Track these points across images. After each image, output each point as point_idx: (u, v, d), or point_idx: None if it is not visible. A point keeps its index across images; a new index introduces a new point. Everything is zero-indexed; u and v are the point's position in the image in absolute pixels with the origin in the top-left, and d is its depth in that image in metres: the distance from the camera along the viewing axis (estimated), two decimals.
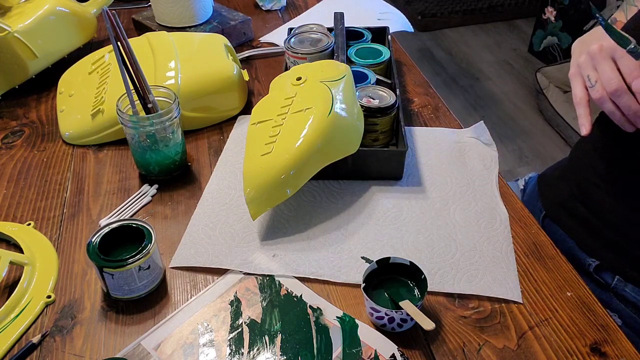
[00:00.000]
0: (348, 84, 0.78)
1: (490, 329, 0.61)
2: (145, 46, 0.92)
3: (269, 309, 0.63)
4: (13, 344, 0.60)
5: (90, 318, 0.62)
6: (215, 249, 0.69)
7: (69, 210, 0.76)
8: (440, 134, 0.89)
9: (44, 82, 1.01)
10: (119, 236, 0.64)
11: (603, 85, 0.65)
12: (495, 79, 2.72)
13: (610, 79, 0.64)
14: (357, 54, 0.95)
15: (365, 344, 0.59)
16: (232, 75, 0.91)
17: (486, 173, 0.81)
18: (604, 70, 0.65)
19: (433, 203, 0.76)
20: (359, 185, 0.79)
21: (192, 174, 0.82)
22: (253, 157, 0.71)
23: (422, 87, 1.02)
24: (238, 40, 1.14)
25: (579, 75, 0.69)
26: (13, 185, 0.80)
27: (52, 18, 0.98)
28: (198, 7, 1.10)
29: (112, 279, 0.61)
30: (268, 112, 0.76)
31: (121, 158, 0.85)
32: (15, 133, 0.91)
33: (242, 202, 0.75)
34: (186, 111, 0.87)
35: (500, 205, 0.76)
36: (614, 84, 0.64)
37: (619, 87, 0.64)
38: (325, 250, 0.69)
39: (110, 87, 0.87)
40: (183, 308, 0.63)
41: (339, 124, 0.73)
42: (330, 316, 0.62)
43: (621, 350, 0.59)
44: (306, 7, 1.32)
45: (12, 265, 0.65)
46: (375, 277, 0.63)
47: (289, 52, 0.94)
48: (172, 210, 0.76)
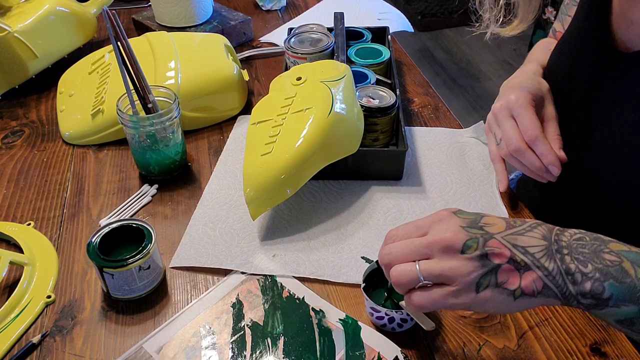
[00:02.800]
0: (348, 84, 0.78)
1: (490, 329, 0.61)
2: (145, 46, 0.92)
3: (271, 311, 0.63)
4: (13, 344, 0.60)
5: (90, 318, 0.62)
6: (215, 249, 0.69)
7: (69, 210, 0.76)
8: (440, 134, 0.89)
9: (44, 82, 1.01)
10: (119, 236, 0.64)
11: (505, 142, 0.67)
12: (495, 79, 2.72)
13: (510, 139, 0.67)
14: (357, 54, 0.95)
15: (368, 347, 0.59)
16: (232, 75, 0.91)
17: (486, 173, 0.81)
18: (505, 129, 0.68)
19: (433, 203, 0.76)
20: (359, 185, 0.79)
21: (192, 174, 0.82)
22: (253, 157, 0.71)
23: (422, 87, 1.02)
24: (238, 40, 1.14)
25: (490, 132, 0.72)
26: (13, 185, 0.80)
27: (52, 18, 0.98)
28: (198, 7, 1.10)
29: (112, 279, 0.61)
30: (268, 112, 0.76)
31: (121, 158, 0.85)
32: (15, 133, 0.91)
33: (242, 202, 0.75)
34: (186, 111, 0.86)
35: (500, 205, 0.76)
36: (513, 143, 0.66)
37: (518, 146, 0.66)
38: (325, 250, 0.69)
39: (110, 87, 0.87)
40: (185, 310, 0.63)
41: (339, 124, 0.73)
42: (333, 318, 0.62)
43: (621, 350, 0.59)
44: (306, 7, 1.32)
45: (12, 265, 0.65)
46: (375, 277, 0.62)
47: (289, 52, 0.94)
48: (172, 210, 0.76)
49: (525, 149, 0.65)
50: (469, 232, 0.47)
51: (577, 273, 0.45)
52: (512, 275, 0.46)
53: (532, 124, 0.65)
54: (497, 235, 0.47)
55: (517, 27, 0.75)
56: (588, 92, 0.68)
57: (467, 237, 0.46)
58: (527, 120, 0.66)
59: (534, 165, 0.66)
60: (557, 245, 0.46)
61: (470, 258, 0.46)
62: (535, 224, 0.48)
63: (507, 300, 0.46)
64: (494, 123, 0.71)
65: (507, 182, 0.72)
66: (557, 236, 0.47)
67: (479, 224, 0.48)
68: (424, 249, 0.47)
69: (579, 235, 0.47)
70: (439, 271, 0.46)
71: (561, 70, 0.73)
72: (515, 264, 0.46)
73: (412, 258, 0.48)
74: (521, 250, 0.46)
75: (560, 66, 0.74)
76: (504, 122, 0.68)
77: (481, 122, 0.89)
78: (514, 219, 0.49)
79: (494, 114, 0.70)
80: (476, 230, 0.47)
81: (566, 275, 0.45)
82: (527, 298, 0.46)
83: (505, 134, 0.67)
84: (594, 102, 0.68)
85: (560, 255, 0.46)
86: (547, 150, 0.65)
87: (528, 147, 0.66)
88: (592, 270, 0.45)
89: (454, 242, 0.46)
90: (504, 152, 0.68)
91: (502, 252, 0.46)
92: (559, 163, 0.65)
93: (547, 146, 0.65)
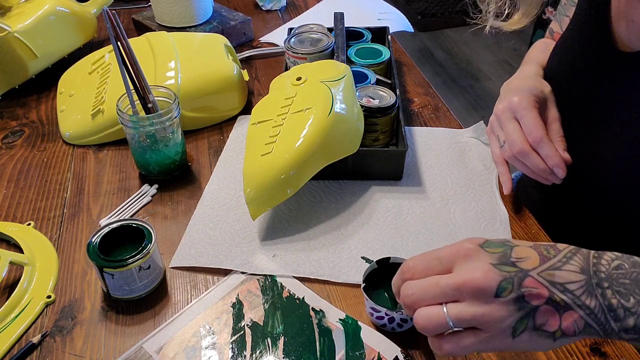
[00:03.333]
0: (348, 84, 0.78)
1: None
2: (145, 46, 0.92)
3: (272, 311, 0.63)
4: (13, 344, 0.60)
5: (90, 318, 0.62)
6: (215, 249, 0.69)
7: (69, 210, 0.76)
8: (440, 134, 0.89)
9: (44, 82, 1.01)
10: (119, 236, 0.64)
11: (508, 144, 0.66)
12: (495, 79, 2.72)
13: (514, 141, 0.65)
14: (357, 54, 0.95)
15: (368, 347, 0.59)
16: (232, 75, 0.91)
17: (486, 173, 0.81)
18: (508, 131, 0.67)
19: (433, 203, 0.76)
20: (359, 185, 0.79)
21: (192, 174, 0.82)
22: (253, 157, 0.71)
23: (422, 87, 1.02)
24: (238, 40, 1.14)
25: (492, 134, 0.71)
26: (13, 185, 0.80)
27: (52, 18, 0.98)
28: (198, 7, 1.10)
29: (112, 279, 0.61)
30: (268, 112, 0.76)
31: (121, 158, 0.85)
32: (15, 133, 0.91)
33: (242, 202, 0.75)
34: (186, 111, 0.87)
35: (500, 205, 0.76)
36: (517, 145, 0.65)
37: (522, 148, 0.65)
38: (325, 250, 0.69)
39: (110, 87, 0.87)
40: (185, 311, 0.63)
41: (339, 124, 0.73)
42: (333, 318, 0.62)
43: (621, 350, 0.59)
44: (306, 7, 1.32)
45: (12, 265, 0.65)
46: (375, 277, 0.63)
47: (289, 52, 0.94)
48: (172, 210, 0.76)
49: (530, 151, 0.65)
50: (502, 271, 0.42)
51: (619, 309, 0.42)
52: (551, 316, 0.42)
53: (536, 126, 0.65)
54: (533, 272, 0.42)
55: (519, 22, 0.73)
56: (588, 92, 0.68)
57: (501, 277, 0.42)
58: (531, 122, 0.65)
59: (538, 168, 0.65)
60: (596, 278, 0.43)
61: (505, 302, 0.42)
62: (571, 253, 0.44)
63: (545, 342, 0.43)
64: (496, 125, 0.70)
65: (510, 184, 0.72)
66: (595, 266, 0.43)
67: (510, 259, 0.43)
68: (451, 291, 0.43)
69: (618, 263, 0.43)
70: (471, 317, 0.42)
71: (561, 71, 0.73)
72: (555, 304, 0.42)
73: (438, 300, 0.44)
74: (560, 289, 0.42)
75: (560, 67, 0.74)
76: (507, 124, 0.67)
77: (481, 122, 0.89)
78: (546, 246, 0.44)
79: (496, 116, 0.70)
80: (509, 268, 0.42)
81: (608, 312, 0.42)
82: (567, 338, 0.43)
83: (509, 136, 0.66)
84: (595, 102, 0.67)
85: (601, 289, 0.42)
86: (551, 152, 0.64)
87: (532, 149, 0.65)
88: (635, 304, 0.42)
89: (486, 286, 0.42)
90: (508, 154, 0.68)
91: (540, 292, 0.42)
92: (564, 165, 0.65)
93: (552, 148, 0.64)
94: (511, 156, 0.67)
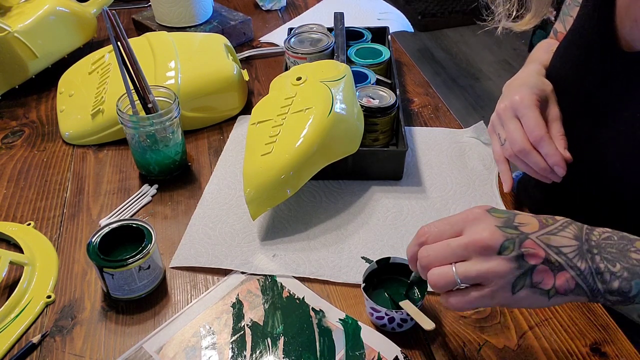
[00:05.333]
0: (348, 84, 0.78)
1: (490, 329, 0.61)
2: (145, 46, 0.92)
3: (272, 311, 0.63)
4: (13, 344, 0.60)
5: (90, 318, 0.62)
6: (215, 249, 0.69)
7: (69, 210, 0.76)
8: (440, 134, 0.89)
9: (44, 82, 1.01)
10: (119, 236, 0.64)
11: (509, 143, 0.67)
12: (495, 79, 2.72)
13: (515, 139, 0.66)
14: (357, 54, 0.95)
15: (368, 347, 0.59)
16: (232, 75, 0.91)
17: (486, 173, 0.81)
18: (509, 129, 0.67)
19: (433, 203, 0.76)
20: (359, 185, 0.79)
21: (192, 174, 0.82)
22: (253, 157, 0.71)
23: (422, 87, 1.02)
24: (238, 40, 1.14)
25: (494, 133, 0.71)
26: (13, 185, 0.80)
27: (52, 18, 0.98)
28: (198, 7, 1.10)
29: (112, 279, 0.61)
30: (268, 112, 0.76)
31: (121, 158, 0.85)
32: (15, 133, 0.91)
33: (242, 202, 0.75)
34: (186, 111, 0.86)
35: (501, 205, 0.76)
36: (518, 144, 0.65)
37: (522, 147, 0.65)
38: (325, 250, 0.69)
39: (110, 87, 0.87)
40: (185, 310, 0.63)
41: (339, 124, 0.73)
42: (333, 318, 0.62)
43: (621, 350, 0.59)
44: (306, 7, 1.32)
45: (12, 265, 0.65)
46: (375, 277, 0.63)
47: (289, 52, 0.94)
48: (172, 210, 0.76)
49: (530, 150, 0.65)
50: (505, 232, 0.47)
51: (606, 272, 0.46)
52: (546, 275, 0.46)
53: (537, 125, 0.65)
54: (532, 235, 0.47)
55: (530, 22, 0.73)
56: (592, 92, 0.68)
57: (504, 237, 0.47)
58: (532, 121, 0.65)
59: (538, 166, 0.65)
60: (587, 244, 0.47)
61: (507, 259, 0.46)
62: (566, 223, 0.49)
63: (541, 299, 0.47)
64: (498, 124, 0.70)
65: (511, 182, 0.72)
66: (587, 235, 0.48)
67: (513, 224, 0.48)
68: (461, 250, 0.48)
69: (607, 234, 0.48)
70: (476, 273, 0.47)
71: (565, 71, 0.73)
72: (550, 265, 0.46)
73: (449, 260, 0.48)
74: (555, 251, 0.47)
75: (564, 66, 0.74)
76: (508, 122, 0.68)
77: (481, 122, 0.89)
78: (545, 217, 0.49)
79: (498, 115, 0.70)
80: (512, 230, 0.47)
81: (596, 275, 0.47)
82: (559, 296, 0.47)
83: (510, 135, 0.67)
84: (599, 102, 0.67)
85: (590, 255, 0.47)
86: (552, 151, 0.64)
87: (533, 148, 0.65)
88: (620, 269, 0.46)
89: (491, 243, 0.46)
90: (509, 152, 0.68)
91: (537, 252, 0.46)
92: (564, 163, 0.65)
93: (552, 147, 0.65)
94: (512, 154, 0.67)
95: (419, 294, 0.61)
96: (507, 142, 0.67)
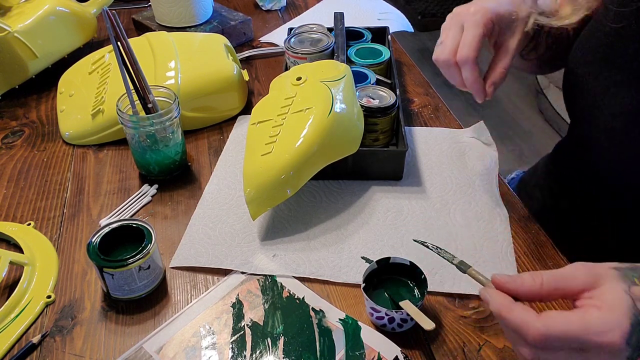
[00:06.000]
0: (348, 84, 0.78)
1: (490, 329, 0.61)
2: (145, 46, 0.92)
3: (272, 311, 0.63)
4: (13, 344, 0.60)
5: (90, 318, 0.62)
6: (215, 249, 0.69)
7: (69, 210, 0.76)
8: (440, 134, 0.89)
9: (44, 82, 1.01)
10: (119, 236, 0.64)
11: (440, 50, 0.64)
12: None
13: (444, 49, 0.64)
14: (357, 54, 0.95)
15: (368, 347, 0.59)
16: (232, 75, 0.91)
17: (486, 173, 0.81)
18: (446, 36, 0.64)
19: (433, 203, 0.76)
20: (359, 185, 0.79)
21: (192, 174, 0.82)
22: (253, 157, 0.71)
23: (422, 87, 1.02)
24: (238, 40, 1.14)
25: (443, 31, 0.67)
26: (13, 185, 0.80)
27: (52, 18, 0.98)
28: (198, 7, 1.10)
29: (112, 279, 0.61)
30: (268, 112, 0.76)
31: (121, 158, 0.85)
32: (15, 133, 0.91)
33: (242, 202, 0.75)
34: (186, 111, 0.87)
35: (501, 205, 0.76)
36: (444, 54, 0.63)
37: (446, 59, 0.63)
38: (325, 250, 0.69)
39: (110, 87, 0.87)
40: (185, 311, 0.63)
41: (339, 124, 0.73)
42: (333, 318, 0.62)
43: None
44: (306, 7, 1.32)
45: (12, 265, 0.65)
46: (375, 277, 0.63)
47: (289, 52, 0.94)
48: (172, 210, 0.76)
49: (452, 65, 0.63)
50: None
51: None
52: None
53: (469, 45, 0.62)
54: None
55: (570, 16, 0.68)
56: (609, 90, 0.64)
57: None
58: (468, 39, 0.62)
59: (454, 80, 0.64)
60: None
61: None
62: None
63: None
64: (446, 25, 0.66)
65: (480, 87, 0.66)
66: None
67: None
68: None
69: None
70: None
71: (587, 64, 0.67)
72: None
73: None
74: None
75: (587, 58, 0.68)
76: (450, 29, 0.65)
77: (481, 122, 0.89)
78: None
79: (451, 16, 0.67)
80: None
81: None
82: None
83: (444, 42, 0.64)
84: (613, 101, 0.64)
85: None
86: (470, 77, 0.63)
87: (456, 64, 0.63)
88: None
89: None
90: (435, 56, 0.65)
91: None
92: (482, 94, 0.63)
93: (473, 74, 0.62)
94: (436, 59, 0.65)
95: (419, 294, 0.61)
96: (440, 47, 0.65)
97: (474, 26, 0.62)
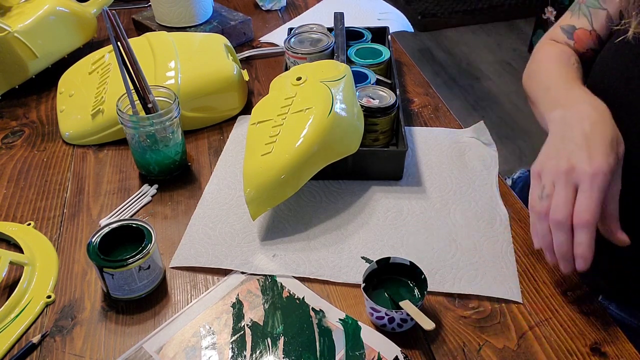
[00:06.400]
0: (348, 84, 0.78)
1: (490, 329, 0.61)
2: (145, 46, 0.92)
3: (272, 311, 0.63)
4: (13, 344, 0.60)
5: (90, 318, 0.62)
6: (215, 249, 0.69)
7: (69, 210, 0.76)
8: (440, 134, 0.89)
9: (44, 82, 1.01)
10: (119, 236, 0.64)
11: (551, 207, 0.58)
12: (495, 79, 2.72)
13: (558, 207, 0.57)
14: (357, 54, 0.95)
15: (368, 347, 0.59)
16: (232, 75, 0.91)
17: (486, 173, 0.81)
18: (559, 194, 0.58)
19: (433, 203, 0.76)
20: (359, 185, 0.79)
21: (192, 174, 0.82)
22: (253, 157, 0.71)
23: (422, 87, 1.02)
24: (238, 40, 1.14)
25: (538, 177, 0.61)
26: (13, 185, 0.80)
27: (52, 18, 0.98)
28: (198, 7, 1.10)
29: (112, 279, 0.61)
30: (268, 112, 0.76)
31: (121, 158, 0.85)
32: (15, 133, 0.91)
33: (242, 202, 0.75)
34: (186, 111, 0.87)
35: (500, 205, 0.76)
36: (559, 213, 0.57)
37: (560, 220, 0.57)
38: (325, 250, 0.69)
39: (110, 87, 0.88)
40: (185, 310, 0.63)
41: (339, 124, 0.73)
42: (333, 318, 0.62)
43: (621, 350, 0.59)
44: (306, 7, 1.32)
45: (12, 265, 0.65)
46: (375, 277, 0.63)
47: (289, 52, 0.94)
48: (172, 210, 0.76)
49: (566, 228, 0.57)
50: None
51: None
52: None
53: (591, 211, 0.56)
54: None
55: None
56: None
57: None
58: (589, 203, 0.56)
59: (560, 248, 0.58)
60: None
61: None
62: None
63: None
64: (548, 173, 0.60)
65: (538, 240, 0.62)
66: None
67: None
68: None
69: None
70: None
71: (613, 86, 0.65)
72: None
73: None
74: None
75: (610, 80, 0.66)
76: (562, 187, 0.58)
77: (481, 122, 0.89)
78: None
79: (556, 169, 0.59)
80: None
81: None
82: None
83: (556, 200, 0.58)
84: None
85: None
86: (586, 242, 0.56)
87: (570, 227, 0.57)
88: None
89: None
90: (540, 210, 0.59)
91: None
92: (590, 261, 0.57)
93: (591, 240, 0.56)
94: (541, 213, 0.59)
95: (419, 294, 0.61)
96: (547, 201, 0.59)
97: (597, 190, 0.56)
